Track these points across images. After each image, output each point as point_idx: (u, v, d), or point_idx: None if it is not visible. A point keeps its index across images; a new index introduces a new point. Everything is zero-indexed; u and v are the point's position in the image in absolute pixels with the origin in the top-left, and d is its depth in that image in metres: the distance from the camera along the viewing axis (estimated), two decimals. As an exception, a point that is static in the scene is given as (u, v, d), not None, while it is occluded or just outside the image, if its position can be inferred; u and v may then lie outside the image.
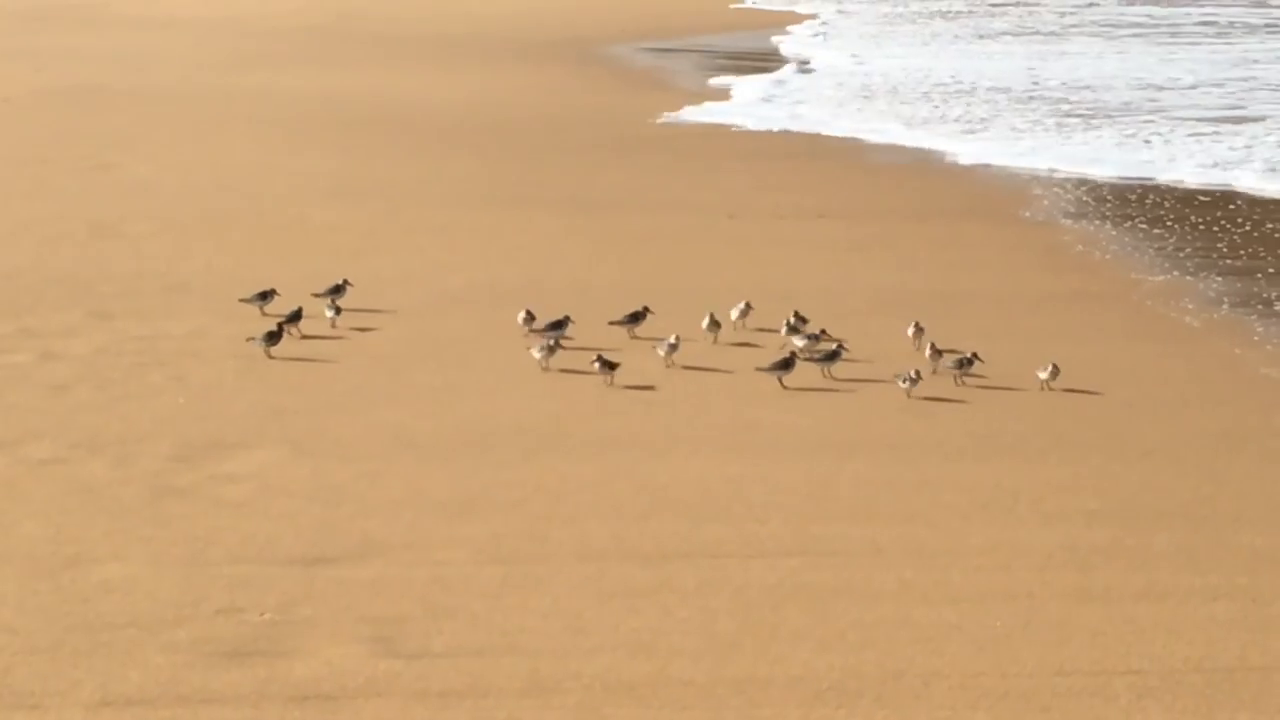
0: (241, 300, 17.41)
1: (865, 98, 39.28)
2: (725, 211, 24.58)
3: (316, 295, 17.59)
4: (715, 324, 17.34)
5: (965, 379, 16.02)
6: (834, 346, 16.23)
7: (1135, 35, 54.13)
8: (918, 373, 15.61)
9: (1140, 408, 15.69)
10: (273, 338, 15.94)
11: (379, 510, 13.00)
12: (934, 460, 14.17)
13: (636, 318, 17.37)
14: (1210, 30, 56.25)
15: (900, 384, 15.53)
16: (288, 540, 12.44)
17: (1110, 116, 36.19)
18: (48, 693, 10.25)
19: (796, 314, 17.49)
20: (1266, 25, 57.61)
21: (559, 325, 16.87)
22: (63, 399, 15.23)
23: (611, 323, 17.08)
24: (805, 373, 15.88)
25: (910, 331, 17.18)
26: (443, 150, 28.72)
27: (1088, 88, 40.64)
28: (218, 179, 24.78)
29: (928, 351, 16.32)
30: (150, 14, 41.98)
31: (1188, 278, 21.28)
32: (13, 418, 14.68)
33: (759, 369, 15.87)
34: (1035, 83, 41.81)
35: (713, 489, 13.50)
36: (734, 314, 17.67)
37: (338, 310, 17.35)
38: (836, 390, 15.76)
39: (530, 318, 17.19)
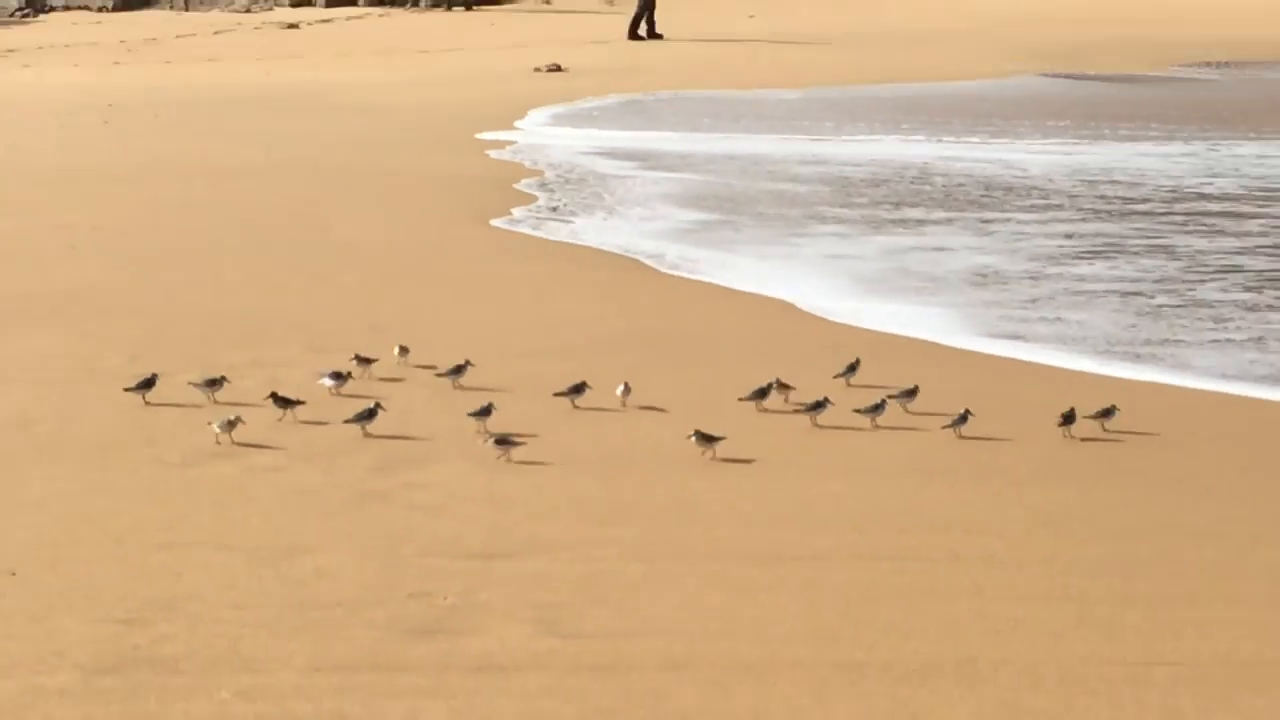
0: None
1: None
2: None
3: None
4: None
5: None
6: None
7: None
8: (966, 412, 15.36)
9: (1184, 445, 15.47)
10: (370, 415, 15.04)
11: (543, 515, 13.08)
12: (1002, 484, 14.12)
13: (578, 389, 15.82)
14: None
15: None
16: (468, 538, 12.54)
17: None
18: (269, 659, 10.38)
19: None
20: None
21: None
22: (285, 418, 15.39)
23: (556, 394, 15.85)
24: (892, 412, 15.65)
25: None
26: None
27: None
28: (414, 238, 24.97)
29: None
30: (356, 102, 42.41)
31: None
32: (244, 433, 14.84)
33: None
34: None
35: (819, 504, 13.50)
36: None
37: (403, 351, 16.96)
38: (918, 429, 15.59)
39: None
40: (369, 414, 14.97)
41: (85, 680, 9.99)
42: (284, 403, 15.41)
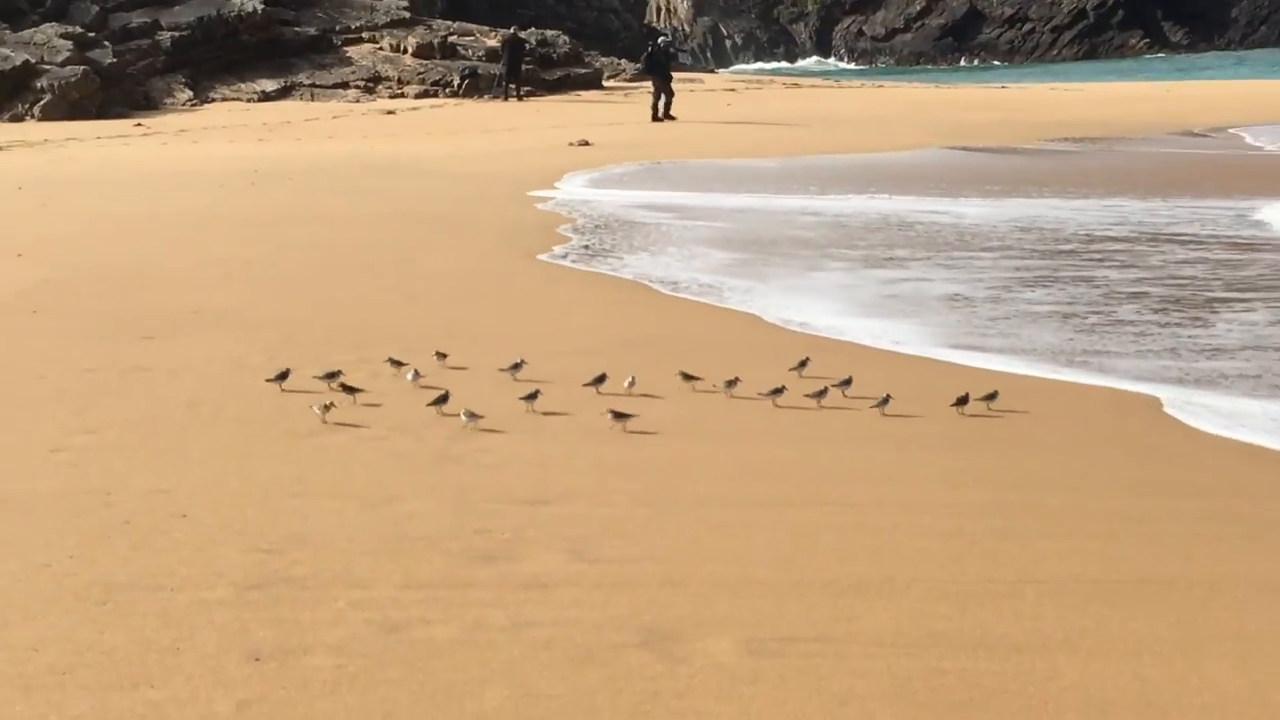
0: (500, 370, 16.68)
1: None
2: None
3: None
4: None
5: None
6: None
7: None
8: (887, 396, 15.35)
9: (1051, 421, 15.45)
10: (444, 399, 14.98)
11: (575, 472, 13.14)
12: (914, 449, 14.18)
13: (600, 380, 15.54)
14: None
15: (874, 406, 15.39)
16: (519, 489, 12.60)
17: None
18: (372, 579, 10.47)
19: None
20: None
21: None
22: (382, 400, 15.44)
23: (585, 384, 15.58)
24: (833, 396, 15.65)
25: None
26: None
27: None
28: (480, 268, 24.93)
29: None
30: (436, 168, 42.25)
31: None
32: (352, 413, 14.91)
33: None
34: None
35: (779, 463, 13.57)
36: None
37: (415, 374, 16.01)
38: (852, 409, 15.60)
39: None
40: (443, 399, 15.00)
41: (238, 594, 10.07)
42: (349, 390, 15.43)
